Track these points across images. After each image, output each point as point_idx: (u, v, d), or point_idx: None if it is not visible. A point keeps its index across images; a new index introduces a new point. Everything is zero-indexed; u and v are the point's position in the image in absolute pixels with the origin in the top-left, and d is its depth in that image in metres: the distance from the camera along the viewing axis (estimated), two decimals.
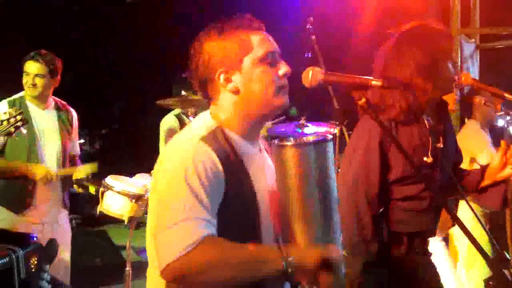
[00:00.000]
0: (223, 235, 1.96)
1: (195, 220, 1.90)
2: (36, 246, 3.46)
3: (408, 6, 8.46)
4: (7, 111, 3.76)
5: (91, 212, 6.68)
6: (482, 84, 3.31)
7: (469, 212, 2.77)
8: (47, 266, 3.54)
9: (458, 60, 7.16)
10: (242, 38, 2.13)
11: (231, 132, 2.13)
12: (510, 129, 5.11)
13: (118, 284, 5.48)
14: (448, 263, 5.22)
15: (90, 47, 12.03)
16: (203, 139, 2.04)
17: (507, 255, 2.06)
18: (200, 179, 1.95)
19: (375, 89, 2.27)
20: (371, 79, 2.21)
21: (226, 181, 2.01)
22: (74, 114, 4.75)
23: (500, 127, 5.26)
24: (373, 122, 2.66)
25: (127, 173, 4.76)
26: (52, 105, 4.57)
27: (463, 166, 3.25)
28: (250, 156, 2.15)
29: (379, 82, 2.19)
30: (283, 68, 2.16)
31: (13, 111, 3.78)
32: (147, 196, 4.21)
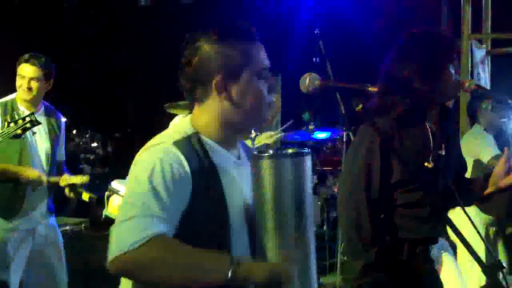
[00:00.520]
0: (190, 240, 1.96)
1: (148, 217, 1.90)
2: None
3: (419, 12, 8.47)
4: (15, 113, 3.77)
5: (99, 216, 6.69)
6: (486, 90, 3.30)
7: (475, 220, 2.76)
8: None
9: (469, 65, 7.14)
10: (244, 48, 2.11)
11: (207, 139, 2.12)
12: None
13: None
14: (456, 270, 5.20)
15: (103, 50, 12.10)
16: (176, 143, 2.04)
17: (502, 263, 2.05)
18: (164, 178, 1.96)
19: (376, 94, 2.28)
20: (368, 85, 2.22)
21: (193, 186, 2.00)
22: (63, 119, 4.67)
23: (505, 133, 5.28)
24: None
25: None
26: (42, 109, 4.48)
27: (468, 168, 3.24)
28: (226, 164, 2.13)
29: (375, 89, 2.20)
30: (273, 85, 2.17)
31: (23, 113, 3.78)
32: None
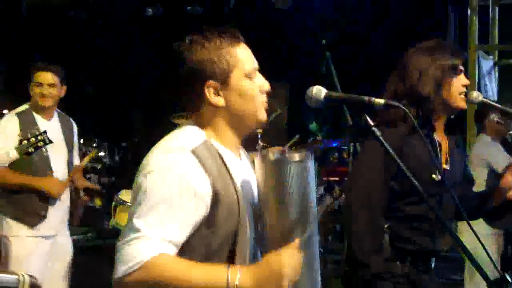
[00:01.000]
0: (207, 244, 2.02)
1: (150, 240, 1.93)
2: None
3: (426, 23, 8.48)
4: (28, 131, 3.81)
5: (107, 226, 6.71)
6: (492, 102, 3.30)
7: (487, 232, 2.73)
8: None
9: (476, 76, 7.14)
10: (229, 51, 2.13)
11: (217, 143, 2.14)
12: None
13: None
14: None
15: (111, 60, 12.14)
16: (194, 152, 2.04)
17: (507, 277, 2.04)
18: (181, 192, 1.97)
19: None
20: (374, 98, 2.22)
21: (214, 195, 2.02)
22: (75, 126, 4.75)
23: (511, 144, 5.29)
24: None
25: None
26: (55, 115, 4.55)
27: (480, 179, 3.23)
28: (236, 167, 2.15)
29: (382, 101, 2.20)
30: (264, 84, 2.18)
31: (36, 131, 3.82)
32: None
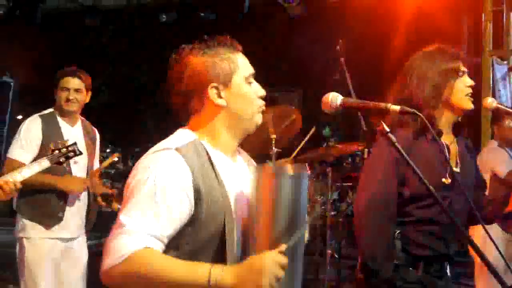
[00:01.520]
0: (193, 242, 2.08)
1: (135, 234, 1.99)
2: None
3: (440, 29, 8.46)
4: (59, 142, 3.86)
5: None
6: (507, 108, 3.30)
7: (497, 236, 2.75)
8: None
9: (490, 82, 7.13)
10: (230, 56, 2.24)
11: (208, 145, 2.21)
12: None
13: None
14: None
15: (124, 65, 12.20)
16: (178, 150, 2.12)
17: None
18: (163, 184, 2.04)
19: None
20: (390, 105, 2.23)
21: (195, 190, 2.08)
22: (97, 134, 4.81)
23: None
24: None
25: None
26: (79, 122, 4.62)
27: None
28: (227, 168, 2.22)
29: (397, 108, 2.22)
30: (260, 90, 2.28)
31: (66, 142, 3.87)
32: None
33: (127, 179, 2.16)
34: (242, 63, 2.27)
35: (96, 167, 4.73)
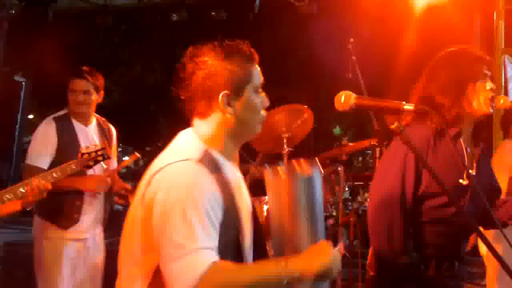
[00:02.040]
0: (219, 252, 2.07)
1: (200, 251, 1.99)
2: None
3: (452, 27, 8.42)
4: (89, 145, 3.88)
5: None
6: None
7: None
8: None
9: (502, 80, 7.09)
10: (247, 66, 2.24)
11: (216, 153, 2.23)
12: None
13: None
14: None
15: (136, 65, 12.22)
16: (201, 162, 2.12)
17: None
18: (205, 205, 2.04)
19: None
20: (403, 104, 2.23)
21: (223, 202, 2.11)
22: (114, 131, 4.82)
23: None
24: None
25: None
26: (94, 121, 4.63)
27: (502, 185, 3.22)
28: (233, 176, 2.27)
29: (411, 107, 2.21)
30: (265, 100, 2.31)
31: (94, 146, 3.89)
32: None
33: (150, 193, 2.11)
34: (255, 74, 2.27)
35: (113, 165, 4.73)
